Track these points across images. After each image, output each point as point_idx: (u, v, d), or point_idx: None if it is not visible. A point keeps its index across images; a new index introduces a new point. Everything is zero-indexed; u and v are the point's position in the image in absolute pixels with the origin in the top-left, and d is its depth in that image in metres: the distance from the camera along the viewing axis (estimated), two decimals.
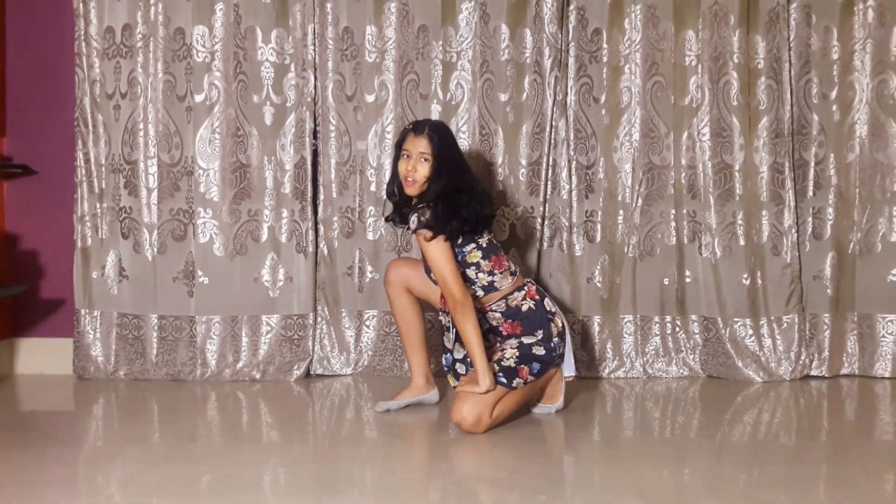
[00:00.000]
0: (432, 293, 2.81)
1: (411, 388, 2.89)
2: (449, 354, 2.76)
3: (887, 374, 3.38)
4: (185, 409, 2.97)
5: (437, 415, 2.86)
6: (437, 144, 2.65)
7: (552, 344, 2.69)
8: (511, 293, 2.71)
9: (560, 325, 2.74)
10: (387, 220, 2.90)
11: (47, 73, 3.45)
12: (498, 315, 2.72)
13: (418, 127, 2.69)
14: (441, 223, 2.58)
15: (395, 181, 2.74)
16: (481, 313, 2.70)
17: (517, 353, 2.65)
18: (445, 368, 2.77)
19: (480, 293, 2.71)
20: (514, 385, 2.61)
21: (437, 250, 2.60)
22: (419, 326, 2.86)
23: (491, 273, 2.69)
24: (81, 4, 3.28)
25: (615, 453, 2.53)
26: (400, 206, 2.77)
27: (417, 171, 2.64)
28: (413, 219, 2.60)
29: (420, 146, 2.64)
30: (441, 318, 2.81)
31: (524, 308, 2.70)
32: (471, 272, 2.69)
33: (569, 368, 2.77)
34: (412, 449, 2.62)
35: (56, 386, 3.30)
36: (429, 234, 2.58)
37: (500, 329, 2.72)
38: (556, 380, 2.82)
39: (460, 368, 2.74)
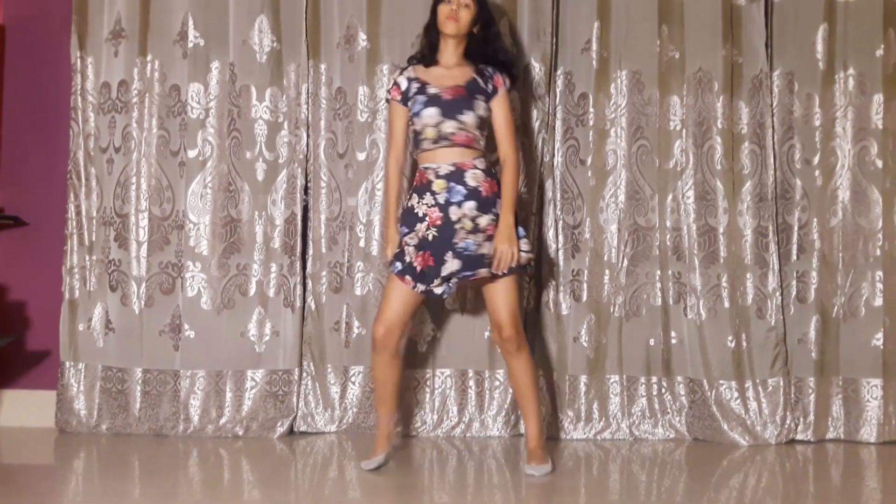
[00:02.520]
0: (415, 298, 2.88)
1: (381, 440, 2.92)
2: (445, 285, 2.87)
3: (872, 440, 3.35)
4: (167, 465, 2.95)
5: (418, 475, 2.86)
6: None
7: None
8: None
9: None
10: (411, 59, 3.02)
11: (43, 126, 3.50)
12: (480, 172, 2.85)
13: None
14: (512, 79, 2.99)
15: (430, 34, 2.93)
16: (470, 168, 2.86)
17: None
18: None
19: (483, 143, 2.92)
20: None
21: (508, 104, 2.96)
22: (398, 385, 2.92)
23: None
24: (79, 60, 3.34)
25: None
26: (424, 53, 2.95)
27: (460, 13, 2.84)
28: (505, 79, 2.92)
29: None
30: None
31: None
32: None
33: None
34: None
35: (37, 439, 3.28)
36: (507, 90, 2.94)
37: (481, 189, 2.82)
38: (537, 447, 2.86)
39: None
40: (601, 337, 3.37)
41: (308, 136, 3.35)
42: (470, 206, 2.81)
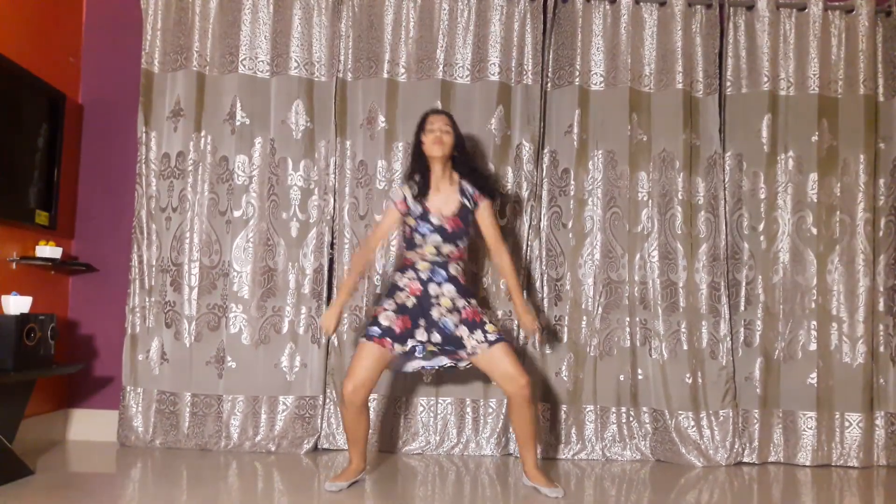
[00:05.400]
0: (385, 361, 2.91)
1: (350, 471, 2.99)
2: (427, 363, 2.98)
3: (807, 463, 3.54)
4: (210, 475, 3.07)
5: (423, 486, 2.98)
6: (453, 125, 3.04)
7: None
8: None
9: None
10: (411, 185, 3.03)
11: (112, 189, 3.71)
12: (460, 268, 3.01)
13: (435, 110, 3.08)
14: (494, 192, 3.13)
15: (419, 160, 3.02)
16: (458, 261, 3.01)
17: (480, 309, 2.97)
18: (434, 367, 3.00)
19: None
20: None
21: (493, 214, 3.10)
22: (367, 430, 3.00)
23: None
24: (144, 134, 3.57)
25: None
26: (420, 186, 3.02)
27: (444, 138, 2.98)
28: (478, 193, 3.02)
29: (442, 122, 3.01)
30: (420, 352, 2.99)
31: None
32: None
33: None
34: None
35: (101, 452, 3.43)
36: (491, 202, 3.07)
37: (459, 279, 2.98)
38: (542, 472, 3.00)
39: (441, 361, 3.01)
40: (579, 373, 3.55)
41: (334, 200, 3.57)
42: (450, 288, 2.93)
